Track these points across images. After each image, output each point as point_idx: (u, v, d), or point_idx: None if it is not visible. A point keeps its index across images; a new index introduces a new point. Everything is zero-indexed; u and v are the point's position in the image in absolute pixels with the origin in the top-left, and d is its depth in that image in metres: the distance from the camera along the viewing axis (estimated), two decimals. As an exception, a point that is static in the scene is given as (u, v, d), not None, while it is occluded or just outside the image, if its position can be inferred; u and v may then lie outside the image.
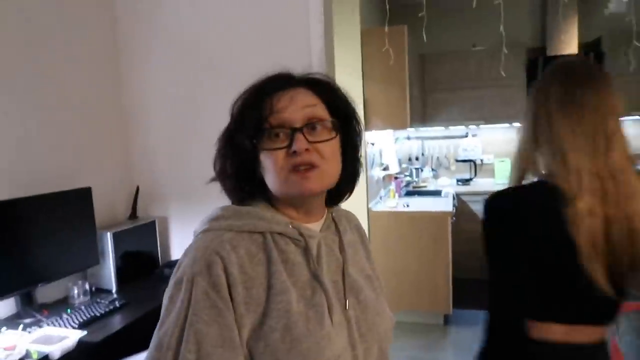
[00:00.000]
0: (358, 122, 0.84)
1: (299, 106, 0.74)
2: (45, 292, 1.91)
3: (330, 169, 0.75)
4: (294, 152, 0.71)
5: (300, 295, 0.72)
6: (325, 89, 0.80)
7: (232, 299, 0.67)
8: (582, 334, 1.05)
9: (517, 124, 4.58)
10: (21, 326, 1.59)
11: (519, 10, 4.54)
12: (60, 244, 1.87)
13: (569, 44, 4.30)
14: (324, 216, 0.83)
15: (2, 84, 1.78)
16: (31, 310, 1.76)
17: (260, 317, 0.69)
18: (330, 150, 0.75)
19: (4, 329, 1.56)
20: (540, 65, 4.28)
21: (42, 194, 1.81)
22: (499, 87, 4.40)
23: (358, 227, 0.95)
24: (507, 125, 4.69)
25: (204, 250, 0.70)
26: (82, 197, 2.00)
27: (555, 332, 1.05)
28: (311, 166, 0.72)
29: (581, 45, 4.33)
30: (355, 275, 0.82)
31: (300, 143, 0.71)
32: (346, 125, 0.80)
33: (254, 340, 0.68)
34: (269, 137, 0.73)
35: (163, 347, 0.66)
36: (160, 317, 0.70)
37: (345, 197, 0.87)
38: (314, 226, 0.80)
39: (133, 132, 2.45)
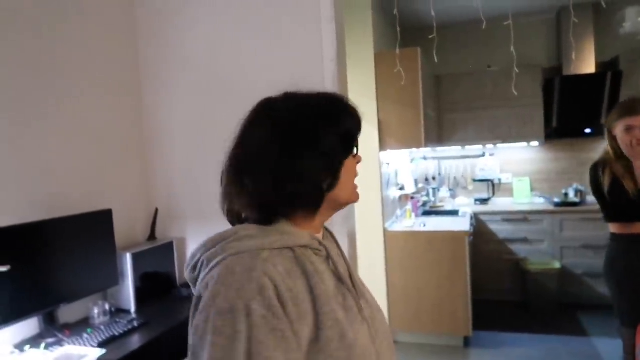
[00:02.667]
0: None
1: None
2: (67, 312, 1.96)
3: None
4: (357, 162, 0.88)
5: (337, 302, 0.75)
6: None
7: (287, 318, 0.67)
8: None
9: (534, 144, 4.57)
10: (43, 345, 1.63)
11: (534, 30, 4.56)
12: (81, 264, 1.92)
13: (586, 63, 4.29)
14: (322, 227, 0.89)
15: (27, 110, 1.86)
16: (53, 330, 1.80)
17: (314, 330, 0.69)
18: None
19: (27, 347, 1.60)
20: (556, 84, 4.27)
21: (64, 217, 1.87)
22: (515, 107, 4.39)
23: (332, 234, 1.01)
24: (524, 144, 4.66)
25: (249, 273, 0.67)
26: (103, 219, 2.05)
27: None
28: None
29: (598, 65, 4.30)
30: (357, 278, 0.87)
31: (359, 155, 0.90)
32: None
33: (314, 353, 0.68)
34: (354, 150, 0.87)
35: None
36: (204, 355, 0.64)
37: None
38: (320, 236, 0.85)
39: (152, 155, 2.52)
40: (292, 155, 0.75)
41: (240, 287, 0.66)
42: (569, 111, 4.29)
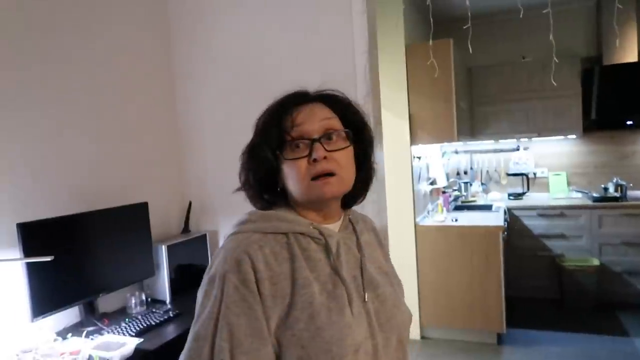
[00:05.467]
0: (369, 132, 0.91)
1: (317, 119, 0.82)
2: (106, 302, 2.02)
3: (346, 175, 0.83)
4: (314, 160, 0.79)
5: (323, 288, 0.78)
6: (339, 103, 0.88)
7: (260, 293, 0.74)
8: None
9: (572, 136, 4.41)
10: (84, 333, 1.70)
11: (572, 19, 4.39)
12: (119, 256, 1.98)
13: (628, 52, 4.10)
14: (341, 218, 0.90)
15: (67, 108, 1.93)
16: (93, 318, 1.86)
17: (286, 309, 0.75)
18: (346, 158, 0.83)
19: (69, 335, 1.67)
20: (596, 74, 4.11)
21: (103, 209, 1.93)
22: (551, 98, 4.25)
23: (375, 230, 1.01)
24: (561, 137, 4.51)
25: (234, 250, 0.77)
26: (139, 212, 2.11)
27: None
28: (330, 174, 0.80)
29: (641, 53, 4.12)
30: (372, 271, 0.88)
31: (319, 152, 0.79)
32: (359, 136, 0.88)
33: (282, 329, 0.74)
34: (291, 148, 0.82)
35: (200, 338, 0.73)
36: (196, 312, 0.77)
37: (359, 201, 0.95)
38: (332, 227, 0.87)
39: (186, 151, 2.57)
40: (244, 158, 0.87)
41: (224, 260, 0.76)
42: (609, 102, 4.13)
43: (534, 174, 4.70)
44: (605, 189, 4.26)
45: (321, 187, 0.80)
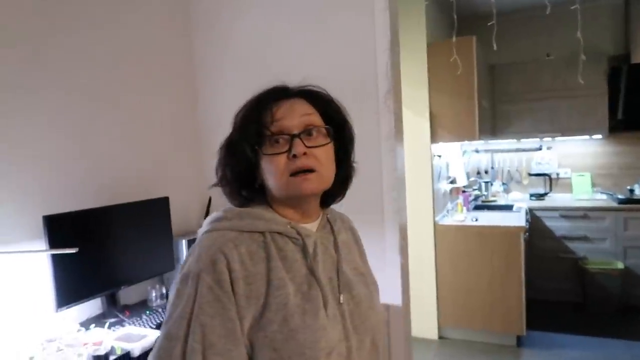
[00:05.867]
0: (350, 130, 0.90)
1: (297, 115, 0.81)
2: (127, 295, 2.06)
3: (326, 173, 0.82)
4: (294, 156, 0.78)
5: (298, 289, 0.77)
6: (320, 100, 0.87)
7: (234, 293, 0.73)
8: None
9: (597, 136, 4.31)
10: (107, 324, 1.73)
11: (599, 16, 4.28)
12: (140, 249, 2.01)
13: (657, 50, 3.99)
14: (320, 217, 0.89)
15: (91, 104, 1.96)
16: (115, 310, 1.90)
17: (260, 310, 0.74)
18: (326, 154, 0.82)
19: (92, 326, 1.70)
20: (624, 73, 4.00)
21: (125, 203, 1.96)
22: (576, 97, 4.16)
23: (352, 229, 1.00)
24: (585, 137, 4.41)
25: (209, 248, 0.75)
26: (160, 206, 2.14)
27: None
28: (310, 170, 0.78)
29: (671, 51, 3.99)
30: (348, 272, 0.87)
31: (298, 147, 0.78)
32: (339, 133, 0.87)
33: (255, 331, 0.73)
34: (270, 143, 0.80)
35: (172, 337, 0.72)
36: (168, 310, 0.76)
37: (338, 199, 0.93)
38: (311, 226, 0.86)
39: (207, 147, 2.59)
40: (221, 153, 0.87)
41: (199, 259, 0.75)
42: (636, 101, 4.01)
43: (557, 174, 4.61)
44: (631, 191, 4.16)
45: (300, 183, 0.78)
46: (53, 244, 1.59)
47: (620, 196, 4.10)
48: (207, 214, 2.49)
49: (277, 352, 0.72)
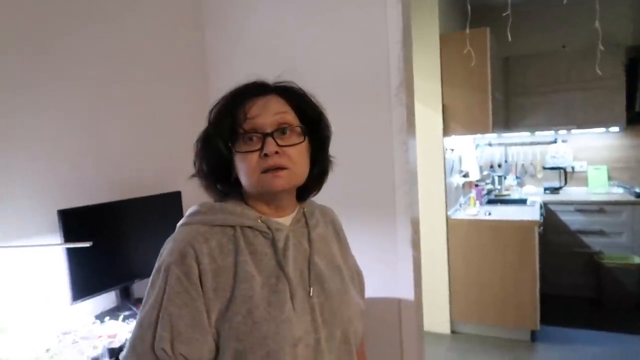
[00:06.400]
0: (326, 126, 0.91)
1: (270, 113, 0.82)
2: (141, 288, 2.07)
3: (298, 170, 0.83)
4: (265, 154, 0.79)
5: (265, 282, 0.80)
6: (295, 96, 0.88)
7: (202, 286, 0.76)
8: None
9: (614, 129, 4.23)
10: (121, 317, 1.75)
11: (617, 5, 4.19)
12: (153, 243, 2.01)
13: (677, 40, 3.89)
14: (295, 211, 0.91)
15: (103, 99, 1.97)
16: (129, 303, 1.92)
17: (226, 302, 0.77)
18: (298, 152, 0.83)
19: (107, 319, 1.72)
20: (641, 64, 3.92)
21: (138, 197, 1.97)
22: (593, 89, 4.08)
23: (333, 221, 1.01)
24: (602, 130, 4.33)
25: (180, 242, 0.79)
26: (172, 201, 2.15)
27: None
28: (281, 167, 0.80)
29: (691, 41, 3.90)
30: (321, 265, 0.88)
31: (270, 147, 0.79)
32: (315, 129, 0.88)
33: (221, 322, 0.76)
34: (243, 141, 0.82)
35: (144, 325, 0.77)
36: (144, 299, 0.80)
37: (314, 194, 0.95)
38: (284, 220, 0.88)
39: (218, 140, 2.59)
40: (197, 145, 0.89)
41: (171, 252, 0.79)
42: (655, 93, 3.93)
43: (572, 167, 4.54)
44: (649, 184, 4.08)
45: (271, 180, 0.80)
46: (68, 237, 1.61)
47: (637, 190, 4.02)
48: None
49: (242, 343, 0.75)
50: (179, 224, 0.86)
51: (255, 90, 0.86)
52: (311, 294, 0.83)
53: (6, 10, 1.59)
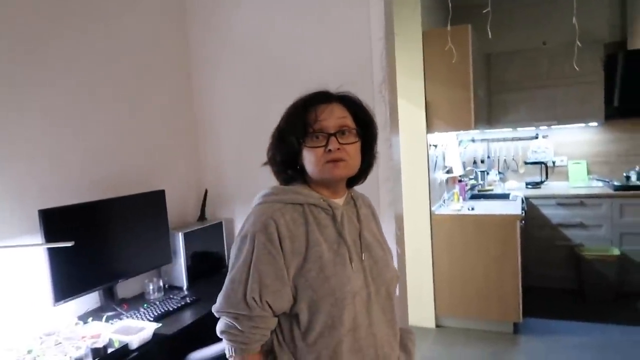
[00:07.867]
0: (375, 129, 1.13)
1: (334, 117, 1.03)
2: (125, 288, 2.06)
3: (353, 163, 1.04)
4: (329, 150, 1.00)
5: (330, 247, 1.01)
6: (353, 104, 1.08)
7: (282, 248, 0.98)
8: None
9: (593, 124, 4.31)
10: (105, 317, 1.73)
11: (595, 2, 4.26)
12: (137, 243, 2.01)
13: (653, 36, 3.98)
14: (345, 195, 1.12)
15: (86, 97, 1.95)
16: (113, 303, 1.90)
17: (301, 262, 0.99)
18: (354, 150, 1.04)
19: (90, 319, 1.71)
20: (620, 60, 3.99)
21: (121, 196, 1.96)
22: (572, 85, 4.15)
23: (370, 206, 1.24)
24: (582, 125, 4.41)
25: (261, 215, 1.00)
26: (156, 199, 2.13)
27: None
28: (341, 160, 1.01)
29: (667, 37, 3.98)
30: (368, 237, 1.10)
31: (333, 144, 1.01)
32: (366, 131, 1.09)
33: (298, 277, 0.98)
34: (311, 138, 1.02)
35: (235, 281, 0.99)
36: (231, 263, 1.02)
37: (361, 182, 1.16)
38: (339, 201, 1.10)
39: (203, 138, 2.58)
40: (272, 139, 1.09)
41: (254, 223, 1.00)
42: (633, 89, 4.01)
43: (553, 162, 4.62)
44: (627, 178, 4.17)
45: (332, 169, 1.01)
46: (49, 238, 1.59)
47: (616, 183, 4.11)
48: (203, 206, 2.49)
49: (315, 292, 0.97)
50: (255, 203, 1.06)
51: (322, 98, 1.06)
52: (363, 259, 1.05)
53: (-18, 7, 1.56)
